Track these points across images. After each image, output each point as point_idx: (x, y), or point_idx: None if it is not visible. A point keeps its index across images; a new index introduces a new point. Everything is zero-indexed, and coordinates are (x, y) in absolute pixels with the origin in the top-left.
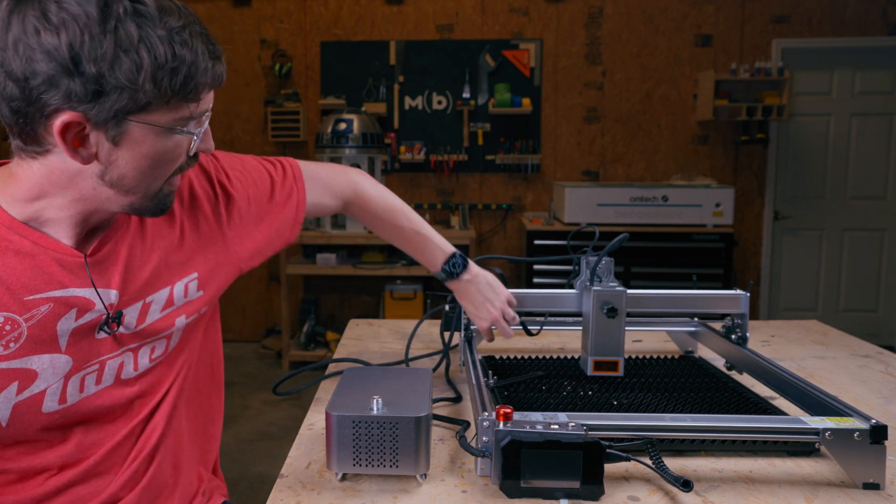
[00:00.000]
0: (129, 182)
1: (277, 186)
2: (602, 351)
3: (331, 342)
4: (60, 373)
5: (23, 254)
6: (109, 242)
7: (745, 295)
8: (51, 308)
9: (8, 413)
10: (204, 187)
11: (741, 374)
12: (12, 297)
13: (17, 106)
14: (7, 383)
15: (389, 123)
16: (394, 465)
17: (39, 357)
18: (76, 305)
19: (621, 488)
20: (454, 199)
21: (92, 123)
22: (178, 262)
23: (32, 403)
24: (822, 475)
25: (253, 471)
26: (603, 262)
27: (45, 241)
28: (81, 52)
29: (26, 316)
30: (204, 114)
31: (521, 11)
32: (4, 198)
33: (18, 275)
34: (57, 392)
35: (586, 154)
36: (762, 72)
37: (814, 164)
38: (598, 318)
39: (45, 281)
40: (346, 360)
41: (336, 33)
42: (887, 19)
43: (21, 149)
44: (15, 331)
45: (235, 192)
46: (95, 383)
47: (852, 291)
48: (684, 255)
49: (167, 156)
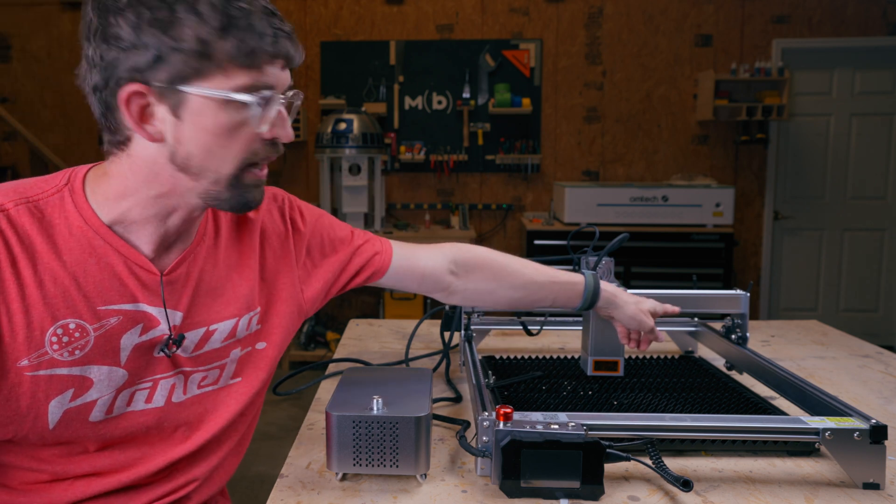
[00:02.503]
0: (196, 161)
1: (357, 233)
2: (602, 351)
3: (331, 342)
4: (114, 385)
5: (103, 262)
6: (185, 263)
7: (745, 295)
8: (119, 321)
9: (58, 417)
10: (276, 221)
11: (741, 374)
12: (87, 305)
13: (100, 96)
14: (64, 389)
15: (389, 123)
16: (394, 465)
17: (99, 367)
18: (143, 322)
19: (621, 488)
20: (454, 199)
21: (155, 95)
22: (247, 294)
23: (82, 411)
24: (822, 475)
25: (253, 471)
26: (603, 263)
27: (126, 251)
28: (141, 20)
29: (96, 325)
30: (271, 91)
31: (521, 11)
32: (95, 197)
33: (97, 283)
34: (106, 403)
35: (586, 154)
36: (762, 72)
37: (814, 164)
38: (597, 319)
39: (120, 294)
40: (346, 360)
41: (336, 33)
42: (887, 19)
43: (109, 143)
44: (83, 338)
45: (306, 229)
46: (146, 401)
47: (852, 291)
48: (684, 255)
49: (231, 131)
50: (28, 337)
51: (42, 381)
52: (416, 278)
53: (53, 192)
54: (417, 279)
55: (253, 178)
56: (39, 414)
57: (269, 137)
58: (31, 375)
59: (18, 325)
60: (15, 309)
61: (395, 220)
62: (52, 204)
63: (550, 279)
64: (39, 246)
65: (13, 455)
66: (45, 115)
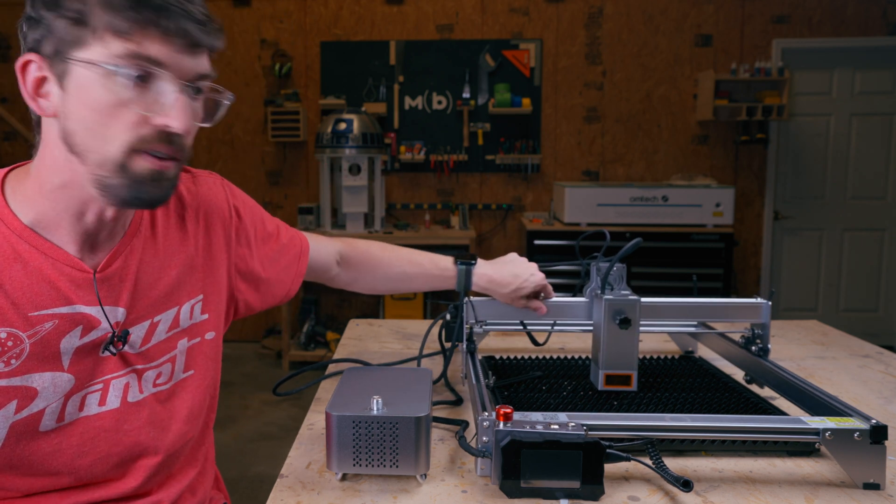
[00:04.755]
0: (79, 139)
1: (283, 227)
2: (614, 364)
3: (331, 342)
4: (61, 392)
5: (30, 266)
6: (119, 258)
7: (767, 304)
8: (55, 325)
9: (4, 433)
10: (220, 208)
11: (763, 388)
12: (17, 312)
13: None
14: (6, 401)
15: (389, 123)
16: (394, 465)
17: (41, 375)
18: (81, 323)
19: (621, 488)
20: (454, 199)
21: (45, 64)
22: (188, 281)
23: (31, 422)
24: (822, 475)
25: (253, 471)
26: (615, 269)
27: (52, 252)
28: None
29: (30, 332)
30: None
31: (521, 11)
32: (15, 198)
33: (25, 289)
34: (56, 411)
35: (586, 154)
36: (762, 72)
37: (814, 164)
38: (609, 329)
39: (52, 297)
40: (346, 360)
41: (336, 33)
42: (887, 19)
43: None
44: (17, 347)
45: (245, 218)
46: (99, 403)
47: (852, 291)
48: (684, 255)
49: (112, 109)
50: None
51: None
52: (315, 268)
53: None
54: (315, 268)
55: (144, 167)
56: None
57: (159, 124)
58: None
59: None
60: None
61: (395, 220)
62: None
63: (422, 272)
64: None
65: None
66: None
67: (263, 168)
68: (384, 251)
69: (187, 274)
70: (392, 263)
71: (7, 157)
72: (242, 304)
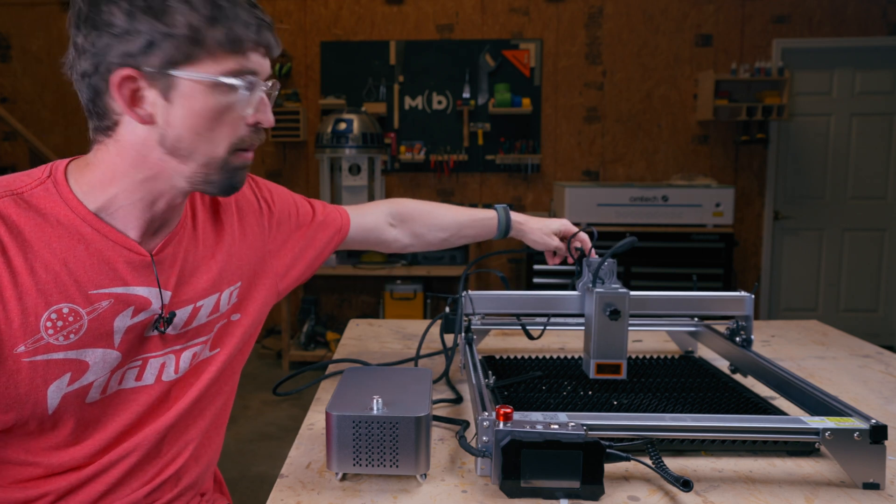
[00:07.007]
0: (186, 145)
1: (318, 208)
2: (605, 354)
3: (331, 342)
4: (109, 367)
5: (92, 247)
6: (171, 244)
7: (750, 297)
8: (111, 304)
9: (57, 402)
10: (250, 200)
11: (745, 377)
12: (79, 290)
13: (89, 81)
14: (61, 373)
15: (389, 123)
16: (394, 465)
17: (94, 350)
18: (134, 304)
19: (621, 488)
20: (454, 199)
21: (146, 79)
22: (228, 269)
23: (80, 394)
24: (822, 475)
25: (253, 471)
26: (606, 264)
27: (114, 236)
28: (134, 7)
29: (88, 309)
30: (255, 77)
31: (521, 11)
32: (80, 187)
33: (87, 268)
34: (102, 385)
35: (586, 154)
36: (762, 72)
37: (814, 164)
38: (600, 321)
39: (111, 277)
40: (346, 360)
41: (336, 33)
42: (887, 19)
43: (97, 129)
44: (77, 322)
45: (276, 206)
46: (136, 379)
47: (852, 291)
48: (684, 255)
49: (219, 115)
50: (23, 323)
51: (40, 366)
52: (364, 235)
53: (37, 185)
54: (365, 235)
55: (241, 161)
56: (38, 399)
57: (253, 122)
58: (29, 361)
59: (13, 312)
60: (9, 297)
61: None
62: (37, 195)
63: (470, 218)
64: (28, 235)
65: (10, 449)
66: (44, 115)
67: (263, 168)
68: (430, 205)
69: (227, 263)
70: (444, 214)
71: (7, 156)
72: (285, 284)
